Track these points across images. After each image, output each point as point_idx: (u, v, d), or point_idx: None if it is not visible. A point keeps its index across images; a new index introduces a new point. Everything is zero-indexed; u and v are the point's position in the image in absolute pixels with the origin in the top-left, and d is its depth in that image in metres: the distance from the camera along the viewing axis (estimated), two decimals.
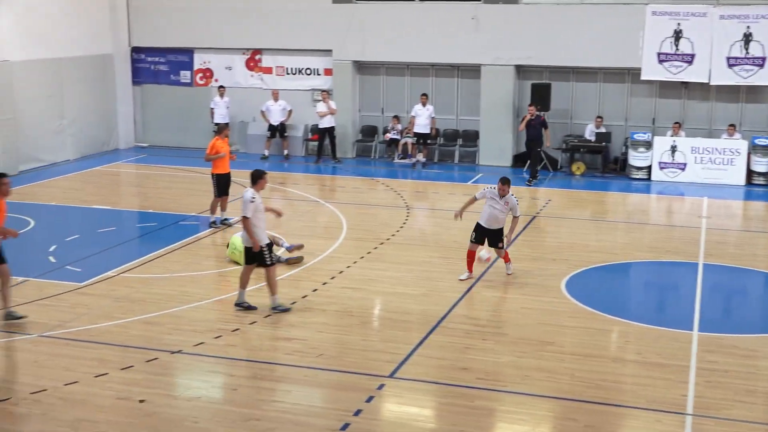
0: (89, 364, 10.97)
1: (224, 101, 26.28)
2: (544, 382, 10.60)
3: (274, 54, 27.19)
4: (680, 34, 23.37)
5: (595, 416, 9.73)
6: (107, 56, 27.24)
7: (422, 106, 24.59)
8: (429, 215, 19.72)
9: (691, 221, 19.22)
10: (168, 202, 20.28)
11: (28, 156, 23.97)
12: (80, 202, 20.31)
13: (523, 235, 17.56)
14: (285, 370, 10.92)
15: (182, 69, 28.12)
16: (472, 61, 25.18)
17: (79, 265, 15.23)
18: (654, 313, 13.68)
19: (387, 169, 25.14)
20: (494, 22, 24.76)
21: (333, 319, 12.70)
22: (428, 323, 12.51)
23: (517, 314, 12.96)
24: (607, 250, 16.68)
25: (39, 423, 9.45)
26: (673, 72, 23.54)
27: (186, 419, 9.56)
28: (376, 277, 14.73)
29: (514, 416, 9.75)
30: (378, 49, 25.85)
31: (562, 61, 24.57)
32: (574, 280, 14.64)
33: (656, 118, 24.55)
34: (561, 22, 24.28)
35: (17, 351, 11.46)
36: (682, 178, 23.12)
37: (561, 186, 22.94)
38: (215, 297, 13.67)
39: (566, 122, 25.29)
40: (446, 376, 10.73)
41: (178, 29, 27.56)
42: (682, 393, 10.30)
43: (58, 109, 25.27)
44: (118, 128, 27.88)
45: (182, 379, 10.78)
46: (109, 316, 12.69)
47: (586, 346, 11.74)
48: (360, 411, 9.76)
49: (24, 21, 23.73)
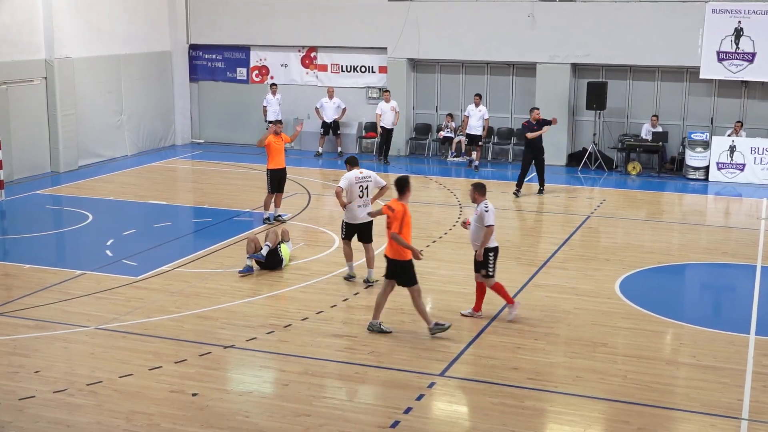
0: (144, 357, 11.13)
1: (276, 99, 26.42)
2: (595, 383, 10.51)
3: (329, 51, 27.32)
4: (741, 32, 22.98)
5: (648, 419, 9.62)
6: (165, 53, 27.61)
7: (475, 106, 24.33)
8: None
9: (750, 223, 18.89)
10: (223, 198, 20.48)
11: (88, 151, 24.41)
12: (137, 197, 20.61)
13: (576, 234, 17.43)
14: (336, 367, 10.97)
15: (238, 66, 28.37)
16: (527, 59, 25.04)
17: (135, 259, 15.47)
18: (709, 315, 13.48)
19: (440, 167, 25.12)
20: (550, 19, 24.60)
21: (384, 317, 12.69)
22: (479, 322, 12.47)
23: (570, 315, 12.86)
24: (662, 251, 16.47)
25: (94, 414, 9.62)
26: (732, 71, 23.15)
27: (237, 413, 9.66)
28: (427, 274, 14.70)
29: (565, 417, 9.68)
30: (433, 47, 25.82)
31: (618, 60, 24.32)
32: (628, 281, 14.49)
33: (714, 117, 24.18)
34: (618, 19, 24.03)
35: (74, 343, 11.67)
36: (741, 179, 22.74)
37: (616, 186, 22.71)
38: (267, 293, 13.77)
39: (622, 121, 25.03)
40: (497, 376, 10.69)
41: (235, 27, 27.83)
42: (737, 397, 10.14)
43: (117, 105, 25.69)
44: (175, 124, 28.26)
45: (234, 374, 10.89)
46: (163, 310, 12.87)
47: (640, 348, 11.61)
48: (410, 409, 9.77)
49: (85, 18, 24.15)
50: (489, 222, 12.15)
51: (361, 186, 13.88)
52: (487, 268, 12.35)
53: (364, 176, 13.94)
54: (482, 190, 12.47)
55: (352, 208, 13.95)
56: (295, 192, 20.88)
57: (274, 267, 14.77)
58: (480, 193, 12.42)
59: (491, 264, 12.36)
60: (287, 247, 15.14)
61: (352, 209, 13.94)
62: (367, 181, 13.94)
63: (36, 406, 9.77)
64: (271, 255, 14.69)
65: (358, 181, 13.89)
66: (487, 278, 12.42)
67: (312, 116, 26.98)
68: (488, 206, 12.24)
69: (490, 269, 12.37)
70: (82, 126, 23.98)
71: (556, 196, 21.19)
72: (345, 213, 14.08)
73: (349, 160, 14.36)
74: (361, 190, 13.89)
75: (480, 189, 12.46)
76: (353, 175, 13.91)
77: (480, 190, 12.45)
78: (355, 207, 13.91)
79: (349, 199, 13.88)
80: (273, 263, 14.73)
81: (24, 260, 15.40)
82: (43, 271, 14.76)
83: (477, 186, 12.51)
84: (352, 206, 13.92)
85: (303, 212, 19.05)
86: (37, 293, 13.56)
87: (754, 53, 22.93)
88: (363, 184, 13.90)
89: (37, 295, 13.46)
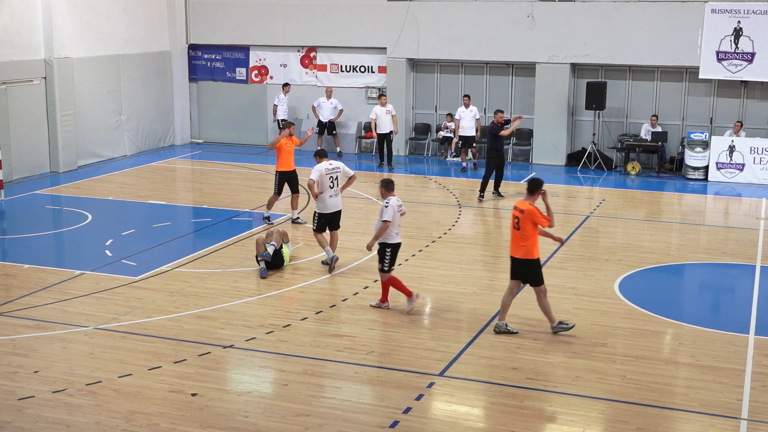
0: (143, 357, 11.13)
1: (286, 99, 26.41)
2: (595, 383, 10.51)
3: (328, 51, 27.34)
4: (740, 32, 22.98)
5: (647, 419, 9.62)
6: (165, 53, 27.61)
7: (465, 108, 24.02)
8: (481, 213, 19.64)
9: (749, 223, 18.90)
10: (222, 198, 20.48)
11: (87, 151, 24.42)
12: (136, 197, 20.61)
13: (576, 234, 17.44)
14: (335, 367, 10.97)
15: (238, 66, 28.38)
16: (527, 59, 25.04)
17: (134, 259, 15.47)
18: (709, 315, 13.48)
19: (439, 167, 25.12)
20: (550, 19, 24.61)
21: (384, 317, 12.72)
22: (479, 322, 12.48)
23: (569, 314, 12.85)
24: (661, 251, 16.47)
25: (93, 414, 9.62)
26: (732, 71, 23.15)
27: (237, 413, 9.66)
28: (427, 275, 14.72)
29: (564, 417, 9.67)
30: (432, 47, 25.83)
31: (618, 60, 24.33)
32: (627, 281, 14.49)
33: (714, 117, 24.18)
34: (617, 19, 24.04)
35: (74, 343, 11.67)
36: (740, 179, 22.75)
37: (615, 186, 22.71)
38: (267, 293, 13.77)
39: (622, 121, 25.04)
40: (496, 376, 10.69)
41: (235, 27, 27.84)
42: (737, 397, 10.14)
43: (117, 105, 25.69)
44: (175, 124, 28.26)
45: (234, 374, 10.89)
46: (163, 310, 12.87)
47: (639, 348, 11.61)
48: (409, 409, 9.77)
49: (84, 18, 24.17)
50: (385, 217, 12.55)
51: (331, 177, 14.82)
52: (382, 263, 12.71)
53: (334, 167, 14.91)
54: (389, 186, 12.86)
55: (323, 199, 14.79)
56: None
57: (278, 266, 14.79)
58: (387, 189, 12.85)
59: (387, 259, 12.69)
60: (287, 248, 15.17)
61: (324, 199, 14.80)
62: (336, 171, 14.93)
63: (35, 406, 9.77)
64: (276, 254, 14.72)
65: (329, 172, 14.81)
66: (381, 272, 12.80)
67: (310, 116, 26.99)
68: (389, 202, 12.63)
69: (385, 264, 12.71)
70: (82, 126, 23.99)
71: (556, 196, 21.18)
72: (317, 204, 14.79)
73: (318, 153, 15.36)
74: (332, 180, 14.81)
75: (386, 185, 12.88)
76: (323, 167, 14.80)
77: (386, 186, 12.86)
78: (326, 197, 14.78)
79: (321, 189, 14.67)
80: (277, 263, 14.76)
81: (23, 260, 15.40)
82: (42, 271, 14.76)
83: (383, 182, 12.94)
84: (324, 196, 14.77)
85: (302, 212, 19.04)
86: (36, 293, 13.57)
87: (753, 53, 22.94)
88: (333, 174, 14.86)
89: (36, 295, 13.46)
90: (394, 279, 12.83)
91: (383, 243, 12.71)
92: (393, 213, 12.59)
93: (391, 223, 12.62)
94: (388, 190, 12.82)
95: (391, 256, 12.73)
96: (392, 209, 12.60)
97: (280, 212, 18.83)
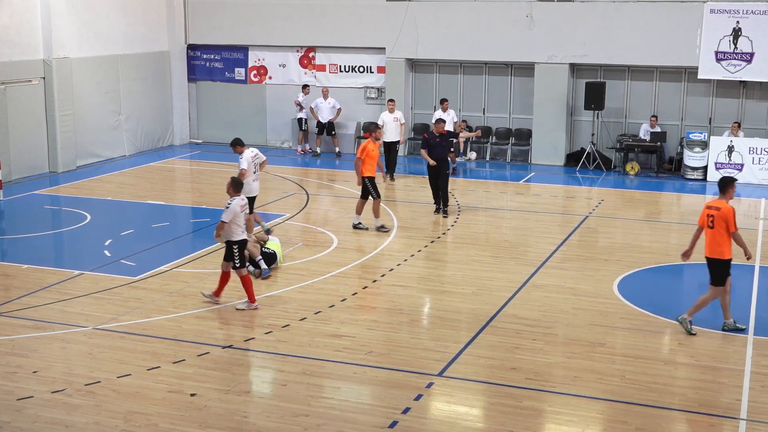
0: (142, 358, 11.13)
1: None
2: (594, 383, 10.52)
3: (327, 51, 27.33)
4: (739, 32, 22.98)
5: (646, 419, 9.62)
6: (163, 53, 27.61)
7: (443, 112, 23.25)
8: (480, 214, 19.64)
9: (748, 223, 18.89)
10: (221, 199, 20.39)
11: (86, 151, 24.41)
12: (135, 197, 20.61)
13: (575, 235, 17.44)
14: (334, 367, 10.97)
15: (237, 66, 28.37)
16: (526, 59, 25.05)
17: (133, 259, 15.47)
18: (708, 315, 13.45)
19: None
20: (549, 20, 24.60)
21: (382, 317, 12.73)
22: (478, 322, 12.48)
23: (568, 315, 12.86)
24: (660, 251, 16.47)
25: (92, 414, 9.61)
26: (731, 71, 23.16)
27: (236, 414, 9.65)
28: (426, 275, 14.72)
29: (563, 417, 9.68)
30: (431, 47, 25.82)
31: (617, 60, 24.33)
32: (626, 281, 14.49)
33: (713, 117, 24.19)
34: (616, 20, 24.04)
35: (73, 343, 11.67)
36: (739, 179, 22.71)
37: (614, 186, 22.71)
38: (266, 293, 13.77)
39: (621, 121, 25.04)
40: (495, 376, 10.69)
41: (233, 27, 27.83)
42: (735, 397, 10.14)
43: (116, 105, 25.69)
44: (174, 125, 28.26)
45: (233, 374, 10.88)
46: (162, 311, 12.87)
47: (638, 348, 11.61)
48: (408, 409, 9.77)
49: (83, 19, 24.16)
50: (222, 218, 12.74)
51: (254, 163, 15.91)
52: (232, 260, 12.86)
53: (255, 154, 15.99)
54: (237, 187, 13.07)
55: (249, 182, 15.51)
56: (293, 192, 20.89)
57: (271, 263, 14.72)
58: (234, 189, 13.03)
59: (236, 256, 12.82)
60: (273, 241, 15.14)
61: (249, 183, 15.53)
62: (259, 158, 16.07)
63: (34, 407, 9.76)
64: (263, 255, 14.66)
65: (254, 159, 15.88)
66: (235, 269, 12.92)
67: (309, 116, 26.97)
68: (230, 203, 12.77)
69: (236, 261, 12.85)
70: (81, 126, 23.98)
71: (555, 196, 21.20)
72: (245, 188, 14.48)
73: (237, 142, 16.06)
74: (255, 166, 15.91)
75: (234, 185, 13.08)
76: (250, 155, 15.80)
77: (234, 186, 13.07)
78: (251, 181, 15.72)
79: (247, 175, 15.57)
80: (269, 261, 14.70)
81: (22, 260, 15.40)
82: (41, 271, 14.76)
83: (232, 181, 13.15)
84: (249, 180, 15.54)
85: (301, 212, 19.04)
86: (35, 293, 13.56)
87: (752, 53, 22.94)
88: (257, 161, 15.99)
89: (35, 296, 13.46)
90: (248, 278, 12.98)
91: (230, 241, 12.84)
92: (233, 214, 12.71)
93: (232, 223, 12.75)
94: (236, 190, 13.00)
95: (239, 253, 12.87)
96: (232, 210, 12.73)
97: (278, 212, 18.84)
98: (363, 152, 17.35)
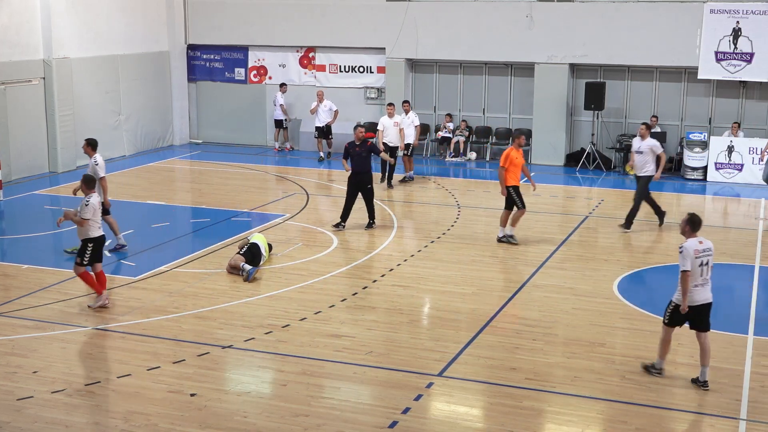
0: (142, 358, 11.13)
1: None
2: (594, 383, 10.52)
3: (327, 52, 27.33)
4: (739, 32, 22.99)
5: (646, 419, 9.62)
6: (163, 53, 27.61)
7: (405, 114, 22.50)
8: (480, 214, 19.64)
9: (748, 223, 18.90)
10: (221, 199, 20.48)
11: None
12: (135, 197, 20.60)
13: (575, 235, 17.44)
14: (334, 367, 10.97)
15: (237, 66, 28.38)
16: (525, 59, 25.05)
17: (133, 259, 15.47)
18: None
19: (438, 167, 25.12)
20: (549, 20, 24.61)
21: (382, 317, 12.73)
22: (478, 322, 12.48)
23: (568, 315, 12.86)
24: (660, 251, 16.47)
25: (92, 414, 9.62)
26: (731, 71, 23.16)
27: (236, 414, 9.65)
28: (426, 275, 14.72)
29: (563, 417, 9.68)
30: (431, 47, 25.83)
31: (617, 60, 24.34)
32: (626, 282, 14.49)
33: (713, 117, 24.19)
34: (616, 20, 24.04)
35: (73, 343, 11.67)
36: (739, 179, 22.76)
37: (614, 186, 22.71)
38: (266, 293, 13.77)
39: (620, 121, 25.05)
40: (495, 376, 10.69)
41: (233, 27, 27.84)
42: (735, 398, 10.15)
43: (115, 105, 25.69)
44: (173, 125, 28.26)
45: (233, 374, 10.88)
46: (161, 311, 12.87)
47: (638, 348, 11.61)
48: (408, 409, 9.77)
49: (83, 19, 24.16)
50: (85, 216, 12.73)
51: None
52: (82, 257, 12.81)
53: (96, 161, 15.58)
54: (89, 183, 13.11)
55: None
56: (293, 192, 20.89)
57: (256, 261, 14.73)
58: (87, 186, 13.08)
59: (87, 254, 12.78)
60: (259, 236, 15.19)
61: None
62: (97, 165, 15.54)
63: (34, 407, 9.76)
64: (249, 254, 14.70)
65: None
66: (77, 266, 12.86)
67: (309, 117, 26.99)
68: (89, 200, 12.83)
69: (85, 258, 12.80)
70: (81, 126, 23.96)
71: (555, 196, 21.20)
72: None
73: (92, 143, 15.92)
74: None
75: (85, 182, 13.12)
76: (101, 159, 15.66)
77: (85, 183, 13.11)
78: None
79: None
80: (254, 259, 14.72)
81: (22, 260, 15.40)
82: (41, 271, 14.76)
83: (84, 178, 13.20)
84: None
85: (301, 213, 19.04)
86: (35, 293, 13.56)
87: (752, 53, 22.95)
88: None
89: (35, 296, 13.46)
90: (86, 274, 12.94)
91: (86, 239, 12.83)
92: (93, 210, 12.80)
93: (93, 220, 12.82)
94: (89, 188, 13.07)
95: (92, 251, 12.85)
96: (92, 207, 12.82)
97: (279, 213, 18.85)
98: (506, 160, 16.25)
